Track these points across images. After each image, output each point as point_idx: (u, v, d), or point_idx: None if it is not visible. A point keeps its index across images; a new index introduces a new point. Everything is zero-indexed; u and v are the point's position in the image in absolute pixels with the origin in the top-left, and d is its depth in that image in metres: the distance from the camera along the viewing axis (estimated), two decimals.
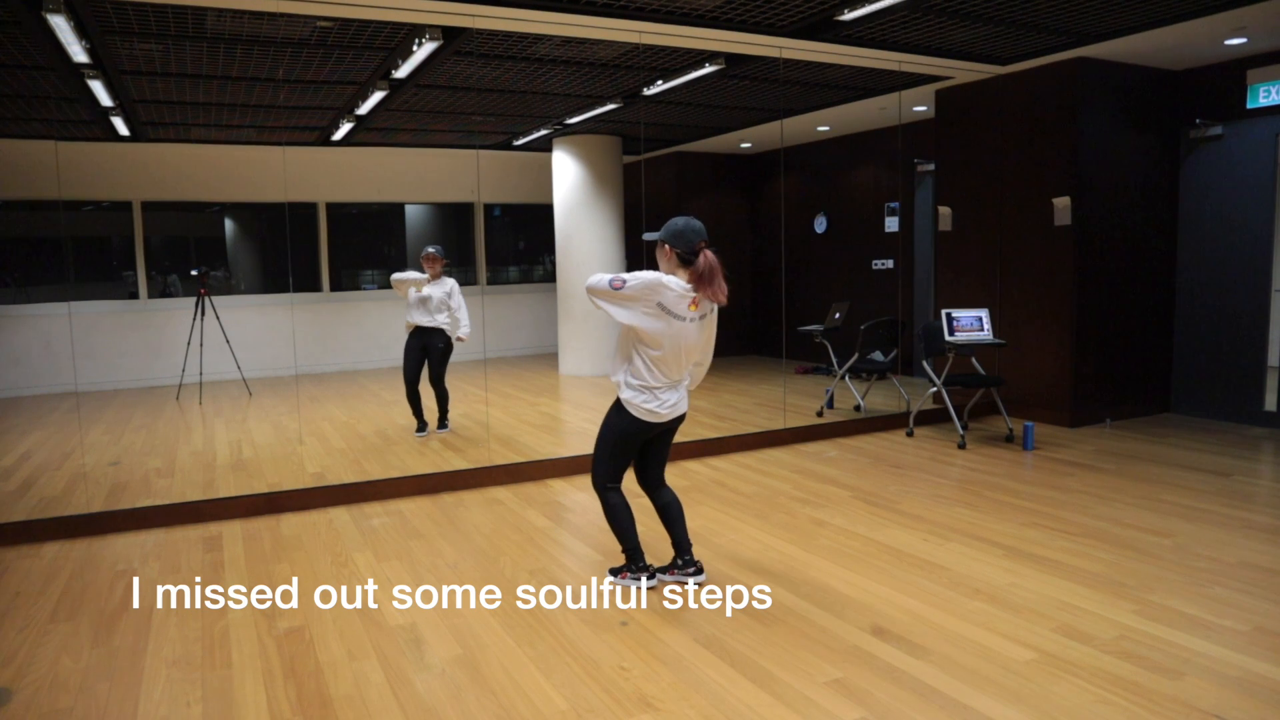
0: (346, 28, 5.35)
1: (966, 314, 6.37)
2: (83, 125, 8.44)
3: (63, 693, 2.89)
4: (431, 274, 6.61)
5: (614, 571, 3.75)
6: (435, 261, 6.60)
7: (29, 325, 9.36)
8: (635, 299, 3.32)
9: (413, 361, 6.72)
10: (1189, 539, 4.14)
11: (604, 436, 3.56)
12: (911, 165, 9.19)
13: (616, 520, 3.60)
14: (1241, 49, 6.24)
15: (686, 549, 3.69)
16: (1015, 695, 2.71)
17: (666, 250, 3.41)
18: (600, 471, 3.58)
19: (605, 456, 3.56)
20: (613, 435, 3.52)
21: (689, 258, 3.36)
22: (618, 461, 3.56)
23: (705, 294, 3.35)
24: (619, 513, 3.60)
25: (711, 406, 7.79)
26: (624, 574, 3.69)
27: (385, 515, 4.85)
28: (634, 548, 3.65)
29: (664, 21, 5.36)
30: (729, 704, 2.70)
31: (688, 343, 3.40)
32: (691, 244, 3.36)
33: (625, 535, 3.62)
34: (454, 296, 6.71)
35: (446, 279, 6.70)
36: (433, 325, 6.64)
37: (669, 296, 3.32)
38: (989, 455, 5.96)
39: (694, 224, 3.40)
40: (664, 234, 3.42)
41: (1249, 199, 6.55)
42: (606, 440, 3.55)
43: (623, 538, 3.63)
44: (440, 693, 2.82)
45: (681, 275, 3.38)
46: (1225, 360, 6.79)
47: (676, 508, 3.70)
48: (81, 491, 5.34)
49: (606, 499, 3.59)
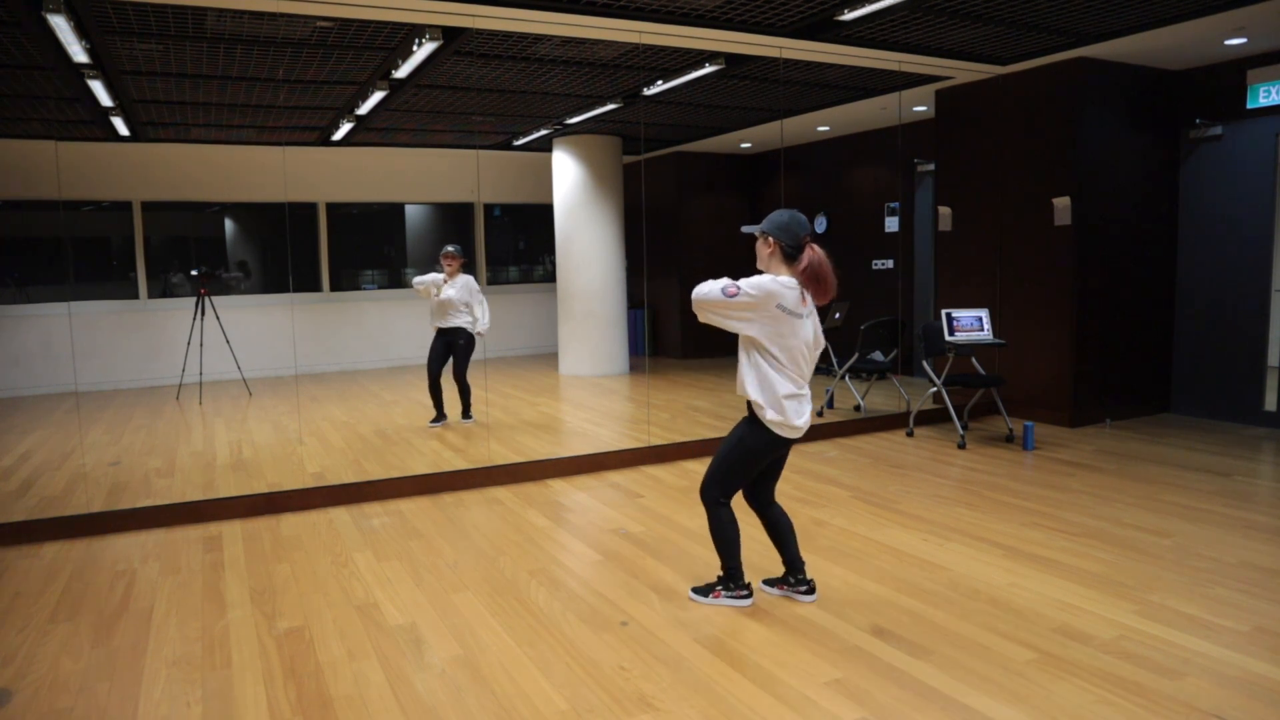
0: (346, 28, 5.35)
1: (966, 314, 6.37)
2: (83, 125, 8.44)
3: (63, 693, 2.89)
4: (449, 271, 6.89)
5: (702, 591, 3.52)
6: (453, 260, 6.89)
7: (29, 325, 9.36)
8: (754, 306, 3.11)
9: (437, 359, 7.07)
10: (1189, 539, 4.14)
11: (729, 451, 3.35)
12: (911, 165, 9.20)
13: (724, 535, 3.40)
14: (1241, 49, 6.24)
15: (800, 567, 3.53)
16: (1015, 695, 2.71)
17: (771, 243, 3.23)
18: (715, 485, 3.38)
19: (726, 472, 3.36)
20: (740, 451, 3.32)
21: (794, 253, 3.20)
22: (738, 478, 3.39)
23: (812, 292, 3.19)
24: (729, 528, 3.40)
25: (711, 406, 7.79)
26: (717, 592, 3.47)
27: (385, 515, 4.85)
28: (738, 566, 3.45)
29: (664, 21, 5.36)
30: (729, 704, 2.70)
31: (808, 338, 3.23)
32: (798, 238, 3.19)
33: (731, 551, 3.42)
34: (474, 294, 7.01)
35: (463, 276, 6.97)
36: (455, 325, 6.97)
37: (789, 298, 3.13)
38: (989, 455, 5.96)
39: (799, 217, 3.23)
40: (768, 226, 3.24)
41: (1249, 199, 6.55)
42: (731, 455, 3.34)
43: (728, 553, 3.42)
44: (440, 693, 2.82)
45: (784, 271, 3.21)
46: (1225, 360, 6.79)
47: (787, 524, 3.53)
48: (81, 491, 5.34)
49: (717, 513, 3.39)
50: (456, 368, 7.06)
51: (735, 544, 3.43)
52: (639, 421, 7.22)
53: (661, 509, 4.84)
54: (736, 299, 3.11)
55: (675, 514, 4.74)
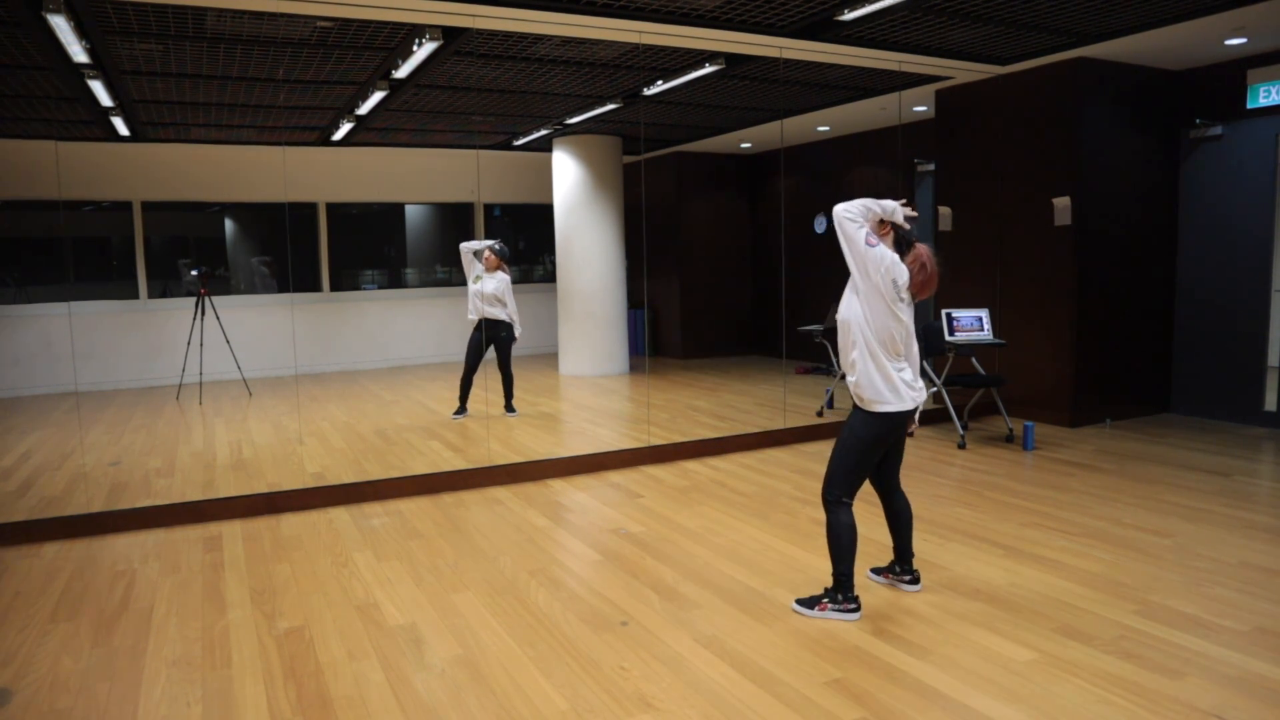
0: (346, 28, 5.35)
1: (966, 314, 6.37)
2: (83, 125, 8.44)
3: (63, 693, 2.89)
4: (487, 268, 7.18)
5: (806, 603, 3.37)
6: (491, 258, 7.22)
7: (29, 325, 9.36)
8: (879, 267, 3.13)
9: (477, 351, 7.27)
10: (1189, 539, 4.14)
11: (845, 446, 3.31)
12: (911, 165, 9.19)
13: (840, 541, 3.28)
14: (1241, 49, 6.24)
15: (908, 559, 3.56)
16: (1015, 695, 2.71)
17: (886, 225, 3.26)
18: (837, 484, 3.31)
19: (846, 469, 3.30)
20: (855, 444, 3.28)
21: (904, 247, 3.25)
22: (860, 473, 3.32)
23: (917, 288, 3.24)
24: (846, 533, 3.27)
25: (711, 406, 7.79)
26: (824, 604, 3.32)
27: (385, 515, 4.85)
28: (848, 574, 3.30)
29: (664, 21, 5.36)
30: (729, 704, 2.70)
31: (906, 320, 3.25)
32: (909, 233, 3.27)
33: (845, 558, 3.29)
34: (507, 293, 7.25)
35: (502, 274, 7.25)
36: (497, 317, 7.22)
37: (903, 276, 3.19)
38: (989, 455, 5.96)
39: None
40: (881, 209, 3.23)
41: (1249, 199, 6.55)
42: (849, 450, 3.29)
43: (841, 560, 3.29)
44: (440, 693, 2.82)
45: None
46: (1225, 360, 6.79)
47: (907, 515, 3.53)
48: (81, 491, 5.34)
49: (837, 515, 3.29)
50: (501, 360, 7.37)
51: (852, 549, 3.30)
52: (639, 421, 7.22)
53: (661, 509, 4.84)
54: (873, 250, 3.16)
55: (675, 514, 4.74)
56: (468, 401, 7.44)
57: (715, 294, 11.55)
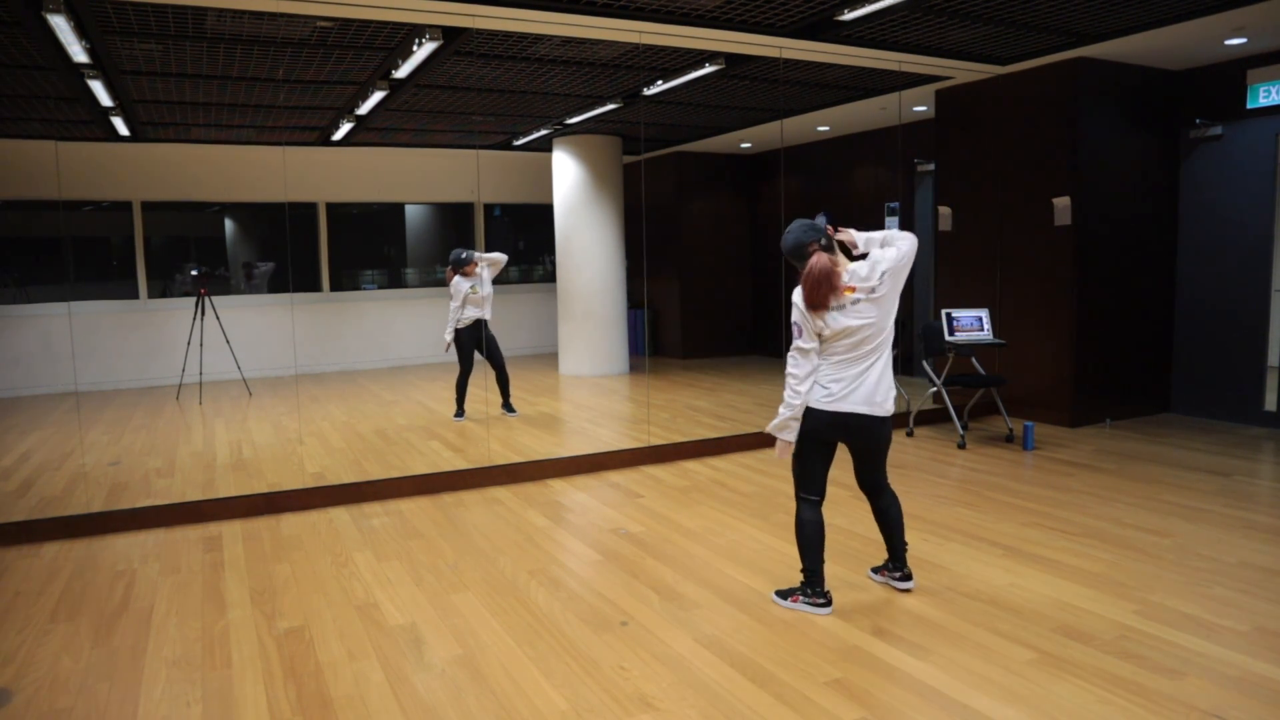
0: (346, 28, 5.35)
1: (966, 314, 6.37)
2: (83, 125, 8.44)
3: (63, 693, 2.89)
4: (469, 274, 7.27)
5: (783, 594, 3.50)
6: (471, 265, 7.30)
7: (29, 325, 9.36)
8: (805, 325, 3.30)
9: (472, 353, 7.36)
10: (1189, 539, 4.14)
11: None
12: (911, 165, 9.19)
13: (800, 535, 3.39)
14: (1241, 49, 6.24)
15: (900, 557, 3.58)
16: (1015, 695, 2.71)
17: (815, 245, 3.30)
18: (794, 481, 3.44)
19: (795, 466, 3.42)
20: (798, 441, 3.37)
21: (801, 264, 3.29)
22: (805, 470, 3.39)
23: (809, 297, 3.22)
24: (804, 528, 3.38)
25: (711, 406, 7.79)
26: (796, 597, 3.43)
27: (385, 515, 4.85)
28: (814, 569, 3.38)
29: (664, 21, 5.36)
30: (729, 704, 2.70)
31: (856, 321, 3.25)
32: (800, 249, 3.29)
33: (807, 553, 3.38)
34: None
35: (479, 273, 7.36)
36: (486, 316, 7.34)
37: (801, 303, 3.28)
38: (989, 455, 5.96)
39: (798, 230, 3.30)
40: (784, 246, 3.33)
41: (1249, 199, 6.55)
42: (797, 448, 3.40)
43: (804, 555, 3.39)
44: (440, 693, 2.82)
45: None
46: (1225, 360, 6.79)
47: (895, 514, 3.54)
48: (81, 491, 5.34)
49: (799, 511, 3.42)
50: (495, 357, 7.40)
51: (813, 545, 3.37)
52: (639, 421, 7.22)
53: (661, 509, 4.84)
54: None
55: (675, 514, 4.74)
56: (465, 401, 7.47)
57: (715, 294, 11.54)
